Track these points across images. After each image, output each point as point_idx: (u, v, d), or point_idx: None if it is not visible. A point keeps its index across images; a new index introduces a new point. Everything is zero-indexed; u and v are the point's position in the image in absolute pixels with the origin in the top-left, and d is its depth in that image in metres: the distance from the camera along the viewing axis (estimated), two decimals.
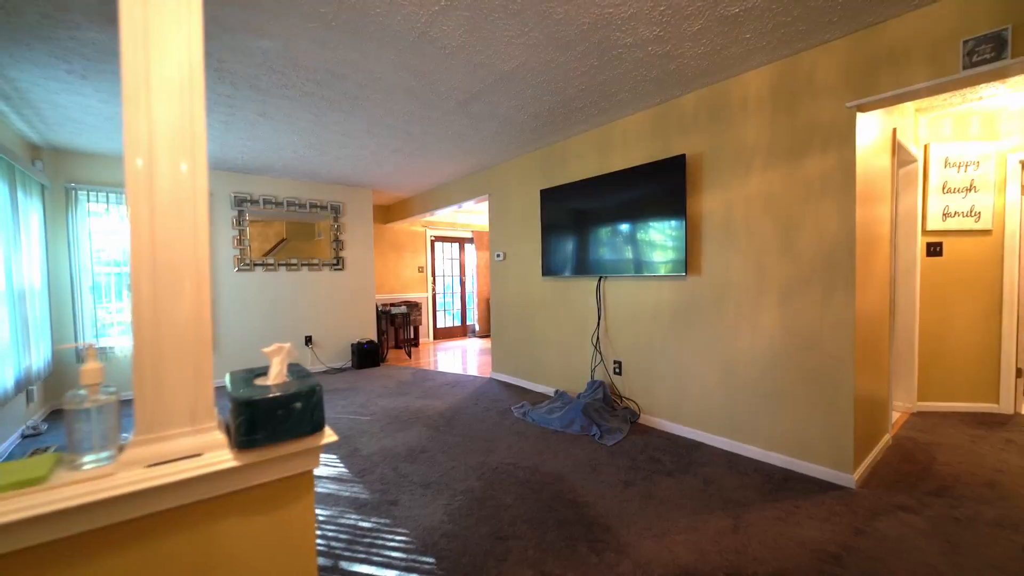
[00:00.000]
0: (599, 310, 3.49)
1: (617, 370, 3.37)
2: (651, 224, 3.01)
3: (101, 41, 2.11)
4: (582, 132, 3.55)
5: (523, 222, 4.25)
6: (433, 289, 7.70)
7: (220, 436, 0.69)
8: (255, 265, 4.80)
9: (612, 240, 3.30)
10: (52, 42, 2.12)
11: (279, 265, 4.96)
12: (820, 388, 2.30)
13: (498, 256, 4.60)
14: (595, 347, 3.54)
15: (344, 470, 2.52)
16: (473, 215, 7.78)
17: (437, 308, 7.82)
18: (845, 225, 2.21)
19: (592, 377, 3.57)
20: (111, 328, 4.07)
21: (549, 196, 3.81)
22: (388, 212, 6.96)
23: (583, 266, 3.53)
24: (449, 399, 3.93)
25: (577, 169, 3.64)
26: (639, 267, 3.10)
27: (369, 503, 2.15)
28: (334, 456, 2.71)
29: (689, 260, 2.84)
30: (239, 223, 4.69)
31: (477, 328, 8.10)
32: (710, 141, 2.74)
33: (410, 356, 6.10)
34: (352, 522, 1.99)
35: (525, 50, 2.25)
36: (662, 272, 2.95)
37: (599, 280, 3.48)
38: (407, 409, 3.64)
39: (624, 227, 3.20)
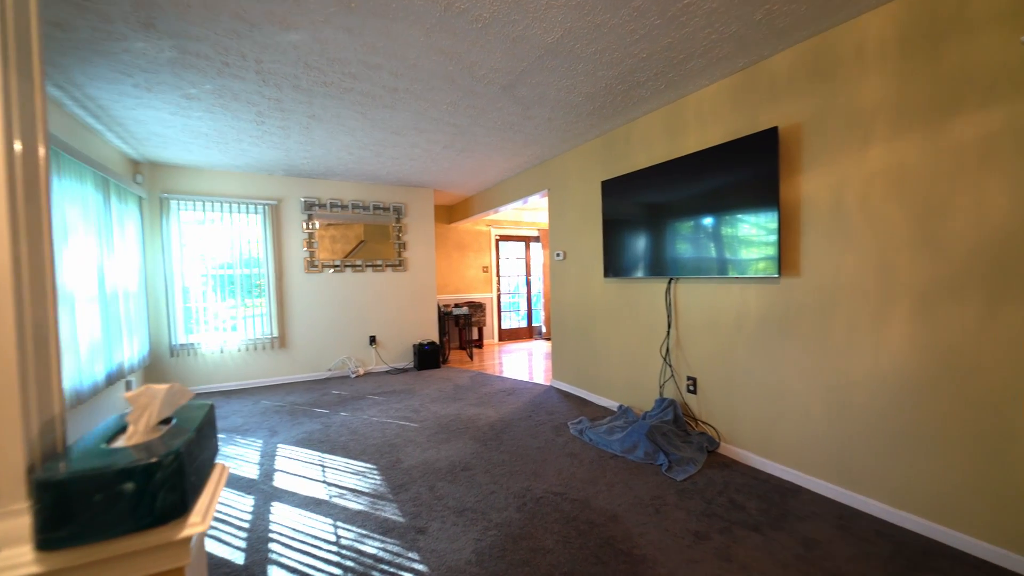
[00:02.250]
0: (669, 317, 3.01)
1: (691, 388, 2.88)
2: (733, 215, 2.50)
3: (148, 51, 2.16)
4: (647, 113, 3.09)
5: (583, 218, 3.87)
6: (498, 289, 7.55)
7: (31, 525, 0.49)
8: (324, 267, 4.97)
9: (684, 235, 2.81)
10: (110, 56, 2.21)
11: (345, 267, 5.09)
12: (981, 429, 1.68)
13: (558, 255, 4.27)
14: (665, 359, 3.07)
15: (381, 484, 2.38)
16: (538, 212, 7.50)
17: (502, 309, 7.65)
18: (1023, 207, 1.57)
19: (661, 394, 3.11)
20: (203, 326, 4.42)
21: (610, 188, 3.40)
22: (451, 212, 6.92)
23: (650, 266, 3.08)
24: (503, 408, 3.69)
25: (642, 156, 3.19)
26: (717, 267, 2.60)
27: (396, 528, 1.97)
28: (374, 467, 2.59)
29: (783, 258, 2.30)
30: (309, 227, 4.88)
31: (544, 330, 7.81)
32: (811, 108, 2.17)
33: (472, 358, 5.98)
34: (372, 550, 1.81)
35: (568, 13, 1.90)
36: (748, 273, 2.43)
37: (669, 282, 3.00)
38: (458, 417, 3.46)
39: (699, 220, 2.71)
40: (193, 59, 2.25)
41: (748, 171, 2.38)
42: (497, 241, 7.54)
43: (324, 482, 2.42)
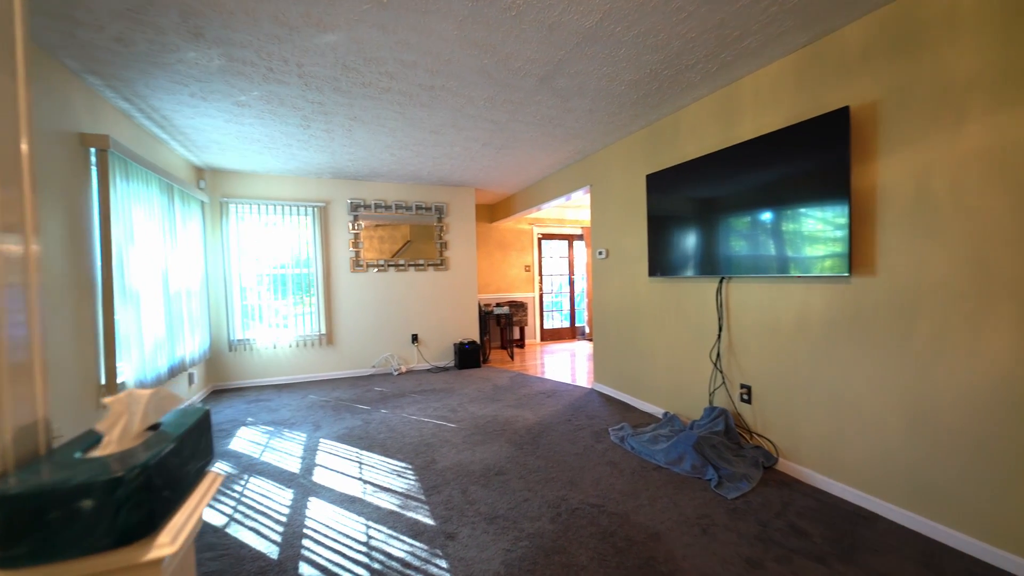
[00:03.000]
0: (720, 319, 2.79)
1: (745, 396, 2.65)
2: (795, 208, 2.25)
3: (199, 61, 2.26)
4: (697, 99, 2.88)
5: (627, 214, 3.69)
6: (540, 289, 7.45)
7: None
8: (369, 266, 5.10)
9: (738, 231, 2.59)
10: (166, 67, 2.34)
11: (389, 266, 5.19)
12: None
13: (600, 254, 4.11)
14: (715, 365, 2.84)
15: (415, 484, 2.36)
16: (582, 210, 7.32)
17: (544, 308, 7.55)
18: None
19: (711, 402, 2.89)
20: (258, 323, 4.67)
21: (656, 182, 3.21)
22: (493, 211, 6.90)
23: (700, 264, 2.86)
24: (541, 411, 3.59)
25: (691, 146, 2.97)
26: (776, 265, 2.36)
27: (426, 531, 1.93)
28: (409, 466, 2.58)
29: (855, 255, 2.04)
30: (355, 227, 5.02)
31: (587, 330, 7.62)
32: (890, 83, 1.90)
33: (512, 358, 5.92)
34: (401, 553, 1.78)
35: None
36: (812, 272, 2.18)
37: (720, 281, 2.78)
38: (495, 419, 3.41)
39: (755, 214, 2.47)
40: (240, 66, 2.34)
41: (813, 158, 2.14)
42: (539, 240, 7.44)
43: (360, 479, 2.44)
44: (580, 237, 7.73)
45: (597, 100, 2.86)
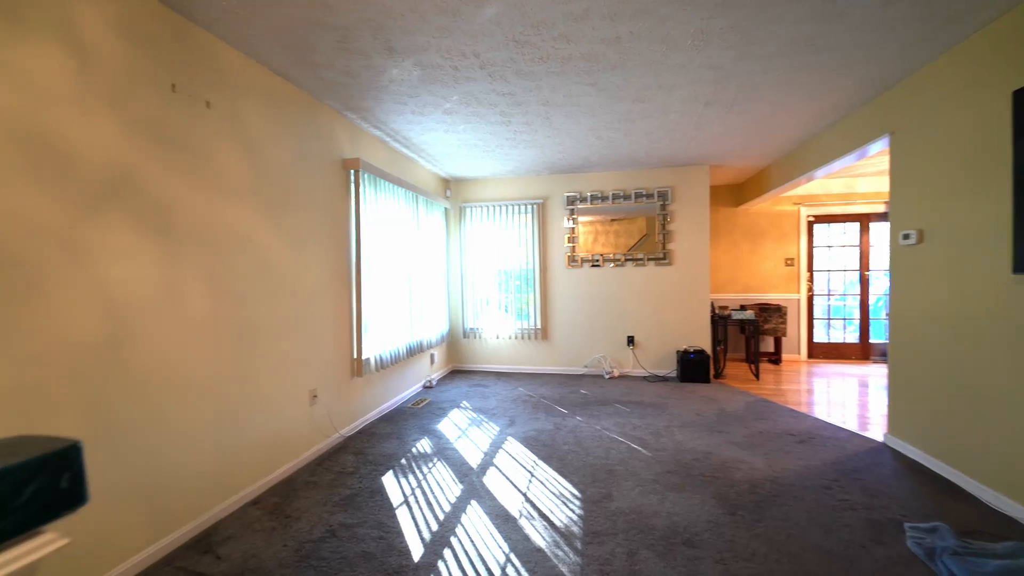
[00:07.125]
0: None
1: None
2: None
3: (403, 76, 2.48)
4: None
5: (958, 171, 2.20)
6: (809, 289, 5.64)
7: None
8: (583, 262, 4.91)
9: None
10: (386, 91, 2.68)
11: (605, 261, 4.86)
12: None
13: (905, 237, 2.64)
14: None
15: (576, 522, 1.98)
16: (882, 178, 5.12)
17: (815, 315, 5.67)
18: None
19: None
20: (485, 314, 5.16)
21: None
22: (739, 191, 5.59)
23: None
24: (782, 462, 2.56)
25: None
26: None
27: None
28: (579, 496, 2.20)
29: None
30: (570, 221, 4.91)
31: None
32: None
33: (757, 377, 4.64)
34: None
35: None
36: None
37: None
38: (707, 458, 2.62)
39: None
40: (432, 71, 2.45)
41: None
42: (810, 223, 5.63)
43: (524, 495, 2.22)
44: (881, 216, 5.44)
45: None
